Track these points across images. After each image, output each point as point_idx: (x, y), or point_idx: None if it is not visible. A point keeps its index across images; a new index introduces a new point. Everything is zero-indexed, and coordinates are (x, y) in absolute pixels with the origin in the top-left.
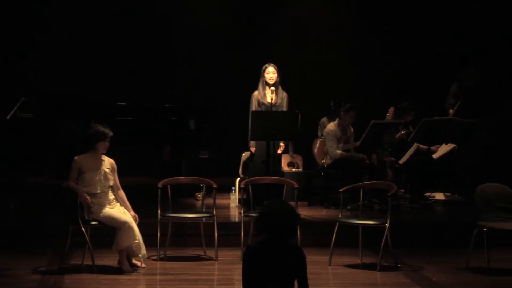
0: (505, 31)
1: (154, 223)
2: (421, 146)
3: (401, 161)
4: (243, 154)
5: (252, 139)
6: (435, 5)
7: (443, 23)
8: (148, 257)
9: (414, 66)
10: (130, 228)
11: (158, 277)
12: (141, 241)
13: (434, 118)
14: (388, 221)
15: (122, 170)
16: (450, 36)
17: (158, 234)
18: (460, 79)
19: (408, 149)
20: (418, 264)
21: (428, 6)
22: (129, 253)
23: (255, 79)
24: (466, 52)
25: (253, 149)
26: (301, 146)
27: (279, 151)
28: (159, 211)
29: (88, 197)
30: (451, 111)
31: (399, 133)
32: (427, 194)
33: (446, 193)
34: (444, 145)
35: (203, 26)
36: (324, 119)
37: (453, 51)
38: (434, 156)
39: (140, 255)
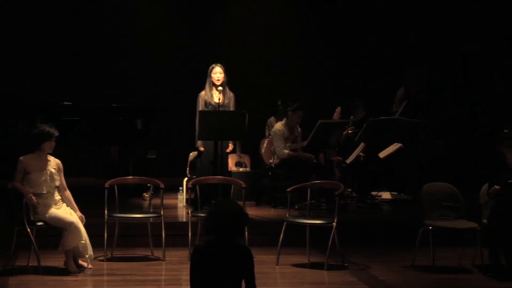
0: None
1: (101, 224)
2: (361, 154)
3: (348, 161)
4: (191, 154)
5: (199, 139)
6: (384, 5)
7: (391, 24)
8: (95, 258)
9: (361, 66)
10: (76, 228)
11: (105, 278)
12: (88, 242)
13: (381, 117)
14: (335, 220)
15: (68, 170)
16: (398, 37)
17: (105, 235)
18: (406, 82)
19: (354, 148)
20: (365, 263)
21: (375, 7)
22: (75, 254)
23: (202, 79)
24: (413, 54)
25: (201, 149)
26: (249, 146)
27: (228, 150)
28: (105, 212)
29: (33, 198)
30: None
31: (345, 131)
32: (374, 193)
33: (392, 192)
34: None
35: (150, 26)
36: (272, 118)
37: (400, 52)
38: (381, 155)
39: (86, 256)
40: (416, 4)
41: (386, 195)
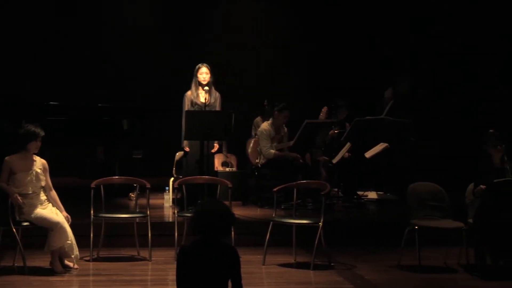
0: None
1: (87, 224)
2: (347, 153)
3: (334, 161)
4: (177, 154)
5: (186, 139)
6: (370, 8)
7: (376, 26)
8: (81, 258)
9: (348, 66)
10: (62, 228)
11: (91, 278)
12: (74, 242)
13: (367, 117)
14: (322, 220)
15: (54, 170)
16: (386, 38)
17: (91, 235)
18: (394, 83)
19: (340, 148)
20: (351, 262)
21: (364, 10)
22: (61, 254)
23: (188, 79)
24: (399, 56)
25: (187, 149)
26: (235, 146)
27: (213, 151)
28: (92, 212)
29: (19, 198)
30: None
31: (331, 131)
32: (360, 193)
33: (378, 192)
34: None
35: (136, 26)
36: (258, 118)
37: (386, 54)
38: (367, 155)
39: (72, 256)
40: (415, 4)
41: (372, 194)
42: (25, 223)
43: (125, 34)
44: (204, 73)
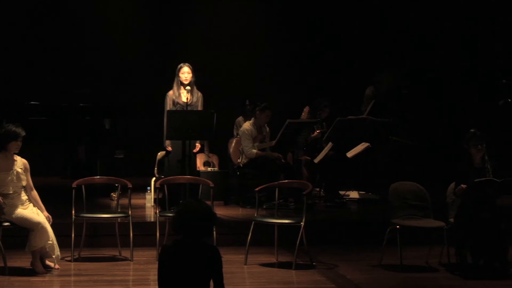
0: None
1: (68, 224)
2: (329, 152)
3: (316, 160)
4: (158, 153)
5: (168, 139)
6: (353, 6)
7: (359, 24)
8: (62, 258)
9: (330, 65)
10: (43, 229)
11: (72, 278)
12: (55, 242)
13: (348, 117)
14: (304, 219)
15: (35, 170)
16: (366, 36)
17: (72, 235)
18: (375, 81)
19: (322, 148)
20: (333, 262)
21: (345, 7)
22: (42, 254)
23: (170, 79)
24: (381, 53)
25: (169, 148)
26: (217, 146)
27: (194, 151)
28: (73, 212)
29: (0, 198)
30: None
31: (315, 132)
32: (342, 192)
33: (360, 192)
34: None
35: (117, 26)
36: (240, 118)
37: (368, 52)
38: (349, 154)
39: (53, 256)
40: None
41: (354, 194)
42: (6, 223)
43: (105, 34)
44: (186, 73)
